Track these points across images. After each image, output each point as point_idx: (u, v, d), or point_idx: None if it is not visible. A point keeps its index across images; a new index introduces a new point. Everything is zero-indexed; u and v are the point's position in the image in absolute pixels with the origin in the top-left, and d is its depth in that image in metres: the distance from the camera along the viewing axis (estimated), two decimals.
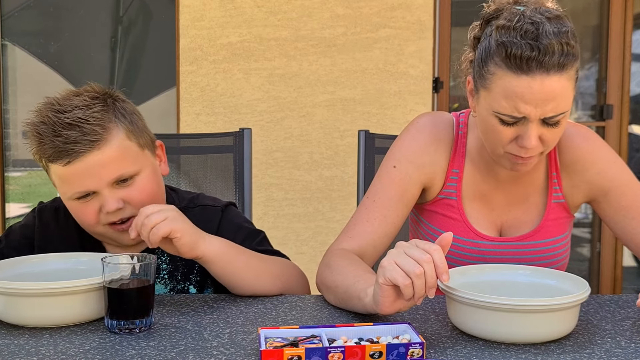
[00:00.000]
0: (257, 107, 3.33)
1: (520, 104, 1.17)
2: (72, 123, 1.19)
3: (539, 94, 1.16)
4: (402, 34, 3.29)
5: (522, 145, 1.21)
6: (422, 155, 1.36)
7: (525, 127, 1.20)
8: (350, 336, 0.99)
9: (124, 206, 1.23)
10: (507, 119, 1.20)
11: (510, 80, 1.17)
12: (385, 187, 1.35)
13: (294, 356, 0.92)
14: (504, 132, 1.22)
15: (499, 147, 1.26)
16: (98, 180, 1.21)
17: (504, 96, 1.18)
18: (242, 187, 1.78)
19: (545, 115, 1.18)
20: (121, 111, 1.26)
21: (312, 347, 0.93)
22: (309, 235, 3.37)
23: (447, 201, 1.38)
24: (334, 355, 0.93)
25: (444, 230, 1.35)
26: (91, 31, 3.48)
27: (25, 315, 1.09)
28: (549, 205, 1.38)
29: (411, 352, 0.95)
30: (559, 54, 1.15)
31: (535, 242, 1.37)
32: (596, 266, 3.66)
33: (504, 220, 1.40)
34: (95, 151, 1.20)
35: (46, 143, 1.19)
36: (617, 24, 3.51)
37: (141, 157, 1.27)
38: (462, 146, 1.38)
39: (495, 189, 1.39)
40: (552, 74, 1.16)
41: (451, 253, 1.36)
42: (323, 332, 0.99)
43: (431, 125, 1.38)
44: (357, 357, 0.94)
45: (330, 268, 1.25)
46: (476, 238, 1.37)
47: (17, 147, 3.57)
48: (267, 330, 1.01)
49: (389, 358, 0.94)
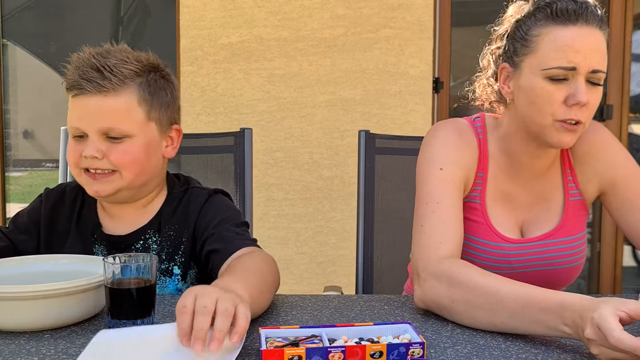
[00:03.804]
0: (257, 107, 3.34)
1: (571, 52, 1.23)
2: (98, 66, 1.26)
3: (588, 43, 1.23)
4: (403, 34, 3.29)
5: (575, 102, 1.24)
6: (460, 157, 1.35)
7: (575, 83, 1.24)
8: (350, 336, 0.99)
9: (103, 159, 1.27)
10: (558, 72, 1.24)
11: (558, 32, 1.24)
12: (442, 189, 1.31)
13: (294, 356, 0.92)
14: (554, 94, 1.25)
15: (548, 116, 1.26)
16: (89, 123, 1.27)
17: (554, 49, 1.24)
18: (242, 187, 1.78)
19: (592, 68, 1.23)
20: (150, 81, 1.31)
21: (313, 347, 0.93)
22: (309, 235, 3.37)
23: (471, 204, 1.38)
24: (334, 355, 0.93)
25: (468, 234, 1.36)
26: (92, 31, 3.48)
27: (22, 319, 1.07)
28: (567, 202, 1.40)
29: (411, 352, 0.95)
30: (598, 11, 1.26)
31: (556, 240, 1.38)
32: (596, 266, 3.67)
33: (525, 218, 1.41)
34: (100, 96, 1.26)
35: (71, 71, 1.28)
36: (617, 24, 3.51)
37: (143, 125, 1.30)
38: (485, 150, 1.39)
39: (517, 187, 1.40)
40: (595, 27, 1.25)
41: (476, 257, 1.37)
42: (324, 332, 0.99)
43: (455, 130, 1.38)
44: (358, 357, 0.94)
45: (465, 284, 1.13)
46: (499, 241, 1.37)
47: (18, 147, 3.57)
48: (267, 330, 1.01)
49: (389, 358, 0.94)
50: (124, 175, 1.29)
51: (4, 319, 1.07)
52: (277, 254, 3.36)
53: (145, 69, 1.31)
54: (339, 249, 3.37)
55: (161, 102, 1.33)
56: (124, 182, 1.29)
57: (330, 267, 3.36)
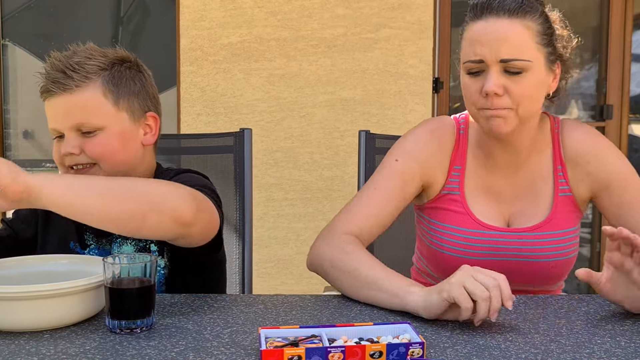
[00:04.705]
0: (257, 107, 3.34)
1: (477, 45, 1.29)
2: (62, 67, 1.30)
3: (492, 34, 1.28)
4: (402, 34, 3.30)
5: (485, 92, 1.29)
6: (423, 153, 1.42)
7: (488, 73, 1.29)
8: (350, 336, 0.99)
9: (81, 154, 1.31)
10: (471, 65, 1.31)
11: (470, 28, 1.32)
12: (387, 178, 1.40)
13: (294, 356, 0.92)
14: (472, 86, 1.32)
15: (472, 106, 1.34)
16: (62, 122, 1.31)
17: (466, 44, 1.32)
18: (242, 188, 1.78)
19: (500, 57, 1.27)
20: (115, 73, 1.33)
21: (313, 347, 0.93)
22: (309, 235, 3.37)
23: (450, 196, 1.42)
24: (334, 355, 0.93)
25: (448, 224, 1.40)
26: (92, 32, 3.48)
27: (22, 319, 1.07)
28: (557, 197, 1.40)
29: (411, 352, 0.95)
30: (511, 1, 1.29)
31: (545, 232, 1.38)
32: (596, 266, 3.67)
33: (512, 211, 1.42)
34: (66, 94, 1.29)
35: (41, 78, 1.32)
36: (617, 24, 3.51)
37: (113, 116, 1.33)
38: (464, 144, 1.43)
39: (500, 180, 1.42)
40: (503, 17, 1.28)
41: (458, 245, 1.39)
42: (323, 332, 0.99)
43: (432, 127, 1.45)
44: (358, 357, 0.94)
45: (347, 252, 1.28)
46: (481, 229, 1.39)
47: (18, 147, 3.57)
48: (267, 330, 1.01)
49: (389, 358, 0.95)
50: (103, 167, 1.32)
51: (4, 319, 1.07)
52: (277, 254, 3.37)
53: (110, 63, 1.34)
54: None
55: (129, 91, 1.35)
56: (105, 173, 1.32)
57: None
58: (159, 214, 1.14)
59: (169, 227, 1.16)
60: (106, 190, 1.13)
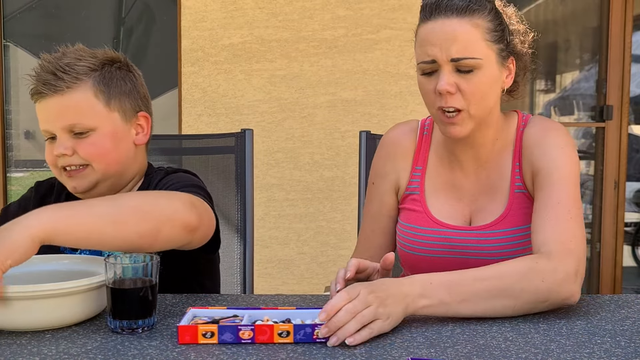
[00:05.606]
0: (258, 108, 3.34)
1: (428, 46, 1.30)
2: (52, 68, 1.30)
3: (441, 34, 1.29)
4: (403, 35, 3.30)
5: (438, 91, 1.30)
6: (384, 166, 1.50)
7: (440, 73, 1.30)
8: (273, 318, 1.06)
9: (73, 155, 1.32)
10: (424, 66, 1.32)
11: (420, 29, 1.33)
12: (368, 204, 1.52)
13: (207, 332, 1.01)
14: (426, 86, 1.33)
15: (429, 106, 1.35)
16: (53, 123, 1.32)
17: (418, 46, 1.34)
18: (243, 188, 1.79)
19: (451, 56, 1.28)
20: (106, 73, 1.34)
21: (225, 325, 1.01)
22: (310, 236, 3.38)
23: (412, 196, 1.46)
24: (244, 332, 1.01)
25: (408, 224, 1.44)
26: (93, 32, 3.49)
27: (24, 319, 1.07)
28: (512, 194, 1.38)
29: (317, 332, 1.01)
30: (459, 1, 1.29)
31: (499, 230, 1.37)
32: (596, 266, 3.67)
33: (472, 209, 1.42)
34: (57, 96, 1.30)
35: (33, 77, 1.33)
36: (617, 25, 3.51)
37: (105, 116, 1.34)
38: (427, 144, 1.47)
39: (463, 178, 1.43)
40: (452, 17, 1.29)
41: (416, 243, 1.41)
42: (246, 313, 1.08)
43: (392, 135, 1.52)
44: (266, 335, 1.01)
45: None
46: (436, 226, 1.40)
47: (20, 148, 3.58)
48: (196, 309, 1.09)
49: (296, 337, 1.01)
50: (95, 168, 1.33)
51: (5, 319, 1.07)
52: (278, 254, 3.37)
53: (101, 63, 1.35)
54: (340, 249, 3.37)
55: (120, 91, 1.36)
56: (97, 174, 1.33)
57: (331, 267, 3.37)
58: (170, 228, 1.15)
59: (178, 238, 1.18)
60: (116, 216, 1.11)
